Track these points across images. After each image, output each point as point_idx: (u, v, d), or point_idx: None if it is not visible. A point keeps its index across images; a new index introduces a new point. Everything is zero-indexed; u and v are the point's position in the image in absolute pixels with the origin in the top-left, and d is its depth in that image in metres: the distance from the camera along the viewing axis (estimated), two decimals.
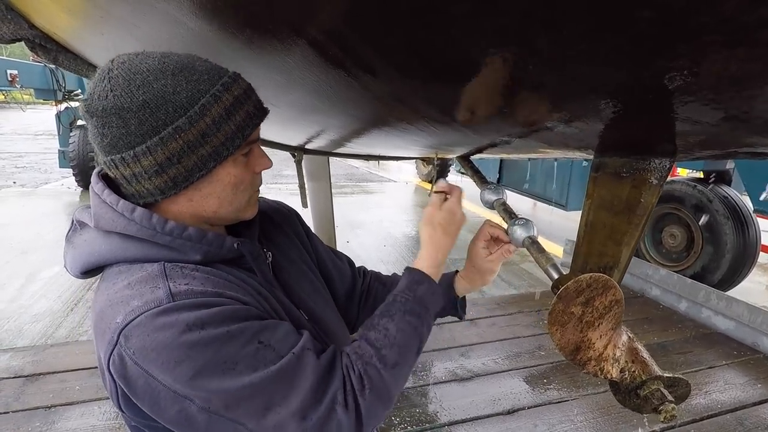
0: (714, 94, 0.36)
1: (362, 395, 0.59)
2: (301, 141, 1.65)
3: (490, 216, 0.92)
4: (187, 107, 0.55)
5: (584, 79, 0.41)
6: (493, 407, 2.07)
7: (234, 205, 0.63)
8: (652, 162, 0.52)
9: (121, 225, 0.59)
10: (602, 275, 0.52)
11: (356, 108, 0.74)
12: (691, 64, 0.32)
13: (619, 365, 0.54)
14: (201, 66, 0.58)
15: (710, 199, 3.76)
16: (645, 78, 0.37)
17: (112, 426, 1.86)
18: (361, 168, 10.57)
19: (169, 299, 0.54)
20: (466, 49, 0.41)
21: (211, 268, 0.61)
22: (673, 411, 0.52)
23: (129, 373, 0.53)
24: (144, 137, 0.55)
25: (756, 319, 2.71)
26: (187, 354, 0.52)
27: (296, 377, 0.56)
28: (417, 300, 0.68)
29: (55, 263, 4.11)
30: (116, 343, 0.53)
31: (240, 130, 0.58)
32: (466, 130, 0.66)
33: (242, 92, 0.59)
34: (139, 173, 0.57)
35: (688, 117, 0.42)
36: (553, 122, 0.52)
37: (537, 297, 3.24)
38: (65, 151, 6.94)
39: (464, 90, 0.51)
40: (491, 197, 0.88)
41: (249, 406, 0.54)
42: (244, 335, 0.55)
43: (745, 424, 2.03)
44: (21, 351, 2.39)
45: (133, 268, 0.59)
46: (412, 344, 0.65)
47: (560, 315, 0.53)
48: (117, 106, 0.55)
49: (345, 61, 0.53)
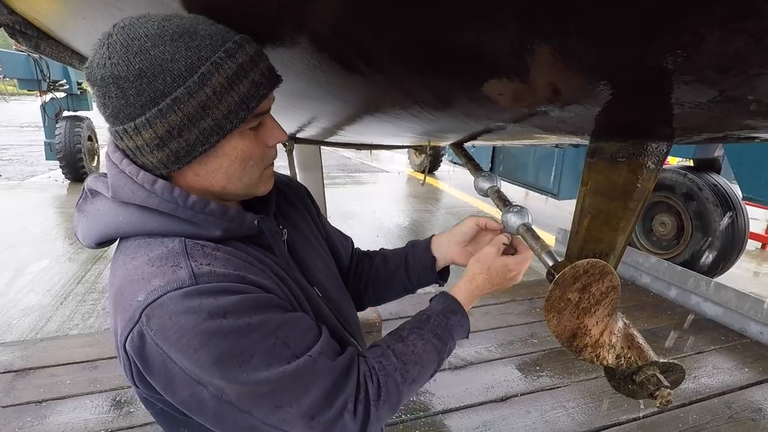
0: (716, 74, 0.35)
1: (376, 405, 0.59)
2: (291, 129, 1.63)
3: (482, 205, 0.91)
4: (185, 76, 0.52)
5: (583, 58, 0.40)
6: (487, 395, 2.09)
7: (244, 180, 0.60)
8: (649, 146, 0.51)
9: (141, 197, 0.57)
10: (599, 261, 0.51)
11: (349, 94, 0.72)
12: (694, 40, 0.31)
13: (614, 351, 0.54)
14: (204, 30, 0.53)
15: (700, 187, 3.80)
16: (644, 56, 0.36)
17: (105, 420, 1.85)
18: (353, 158, 10.52)
19: (192, 281, 0.53)
20: (459, 29, 0.40)
21: (231, 248, 0.59)
22: (669, 396, 0.52)
23: (147, 351, 0.52)
24: (143, 108, 0.52)
25: (744, 304, 2.76)
26: (207, 341, 0.51)
27: (311, 380, 0.56)
28: (448, 328, 0.70)
29: (43, 257, 4.05)
30: (138, 321, 0.52)
31: (245, 101, 0.54)
32: (460, 115, 0.65)
33: (248, 59, 0.54)
34: (141, 146, 0.55)
35: (687, 98, 0.41)
36: (549, 106, 0.51)
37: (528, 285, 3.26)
38: (51, 143, 6.81)
39: (458, 73, 0.49)
40: (485, 185, 0.87)
41: (261, 401, 0.54)
42: (264, 328, 0.54)
43: (733, 407, 2.08)
44: (10, 346, 2.36)
45: (153, 243, 0.57)
46: (431, 366, 0.67)
47: (557, 302, 0.53)
48: (114, 74, 0.52)
49: (337, 44, 0.52)
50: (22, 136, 11.89)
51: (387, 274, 0.91)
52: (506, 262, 0.75)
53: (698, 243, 3.80)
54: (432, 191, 7.52)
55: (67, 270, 3.82)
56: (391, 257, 0.93)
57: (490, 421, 1.94)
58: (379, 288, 0.92)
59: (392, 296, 0.94)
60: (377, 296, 0.93)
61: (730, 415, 2.03)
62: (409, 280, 0.90)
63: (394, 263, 0.91)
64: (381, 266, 0.92)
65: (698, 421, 1.97)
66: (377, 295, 0.93)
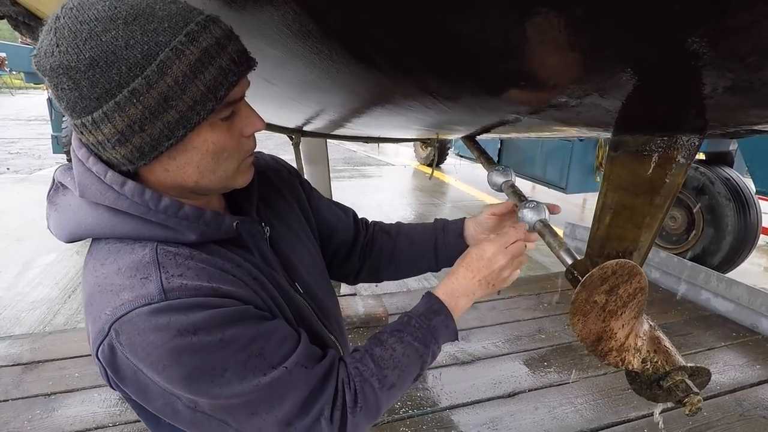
0: (758, 58, 0.33)
1: (353, 412, 0.58)
2: (299, 122, 1.60)
3: (488, 198, 0.89)
4: (143, 65, 0.46)
5: (611, 43, 0.37)
6: (494, 390, 2.08)
7: (218, 174, 0.56)
8: (679, 139, 0.48)
9: (110, 199, 0.53)
10: (628, 261, 0.49)
11: (360, 84, 0.69)
12: (732, 23, 0.29)
13: (640, 355, 0.52)
14: (162, 10, 0.47)
15: (712, 180, 3.74)
16: (676, 42, 0.33)
17: (113, 413, 1.86)
18: (359, 152, 10.48)
19: (161, 296, 0.50)
20: (477, 17, 0.37)
21: (207, 255, 0.57)
22: (699, 403, 0.50)
23: (118, 362, 0.51)
24: (99, 101, 0.48)
25: (755, 300, 2.72)
26: (177, 359, 0.49)
27: (287, 390, 0.55)
28: (430, 329, 0.66)
29: (51, 250, 4.07)
30: (107, 334, 0.50)
31: (212, 90, 0.49)
32: (476, 106, 0.62)
33: (213, 42, 0.49)
34: (102, 141, 0.50)
35: (724, 86, 0.38)
36: (571, 96, 0.48)
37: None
38: (58, 137, 6.82)
39: (477, 63, 0.47)
40: (499, 179, 0.84)
41: (235, 411, 0.54)
42: (237, 343, 0.52)
43: (744, 404, 2.05)
44: (19, 339, 2.37)
45: (123, 249, 0.54)
46: (412, 370, 0.65)
47: (583, 304, 0.50)
48: (64, 64, 0.47)
49: (349, 31, 0.49)
50: (29, 129, 11.94)
51: (413, 255, 0.90)
52: (482, 248, 0.70)
53: (709, 238, 3.75)
54: (438, 184, 7.48)
55: (75, 263, 3.84)
56: (417, 238, 0.90)
57: (497, 416, 1.92)
58: (404, 266, 0.91)
59: (415, 274, 0.93)
60: (399, 273, 0.92)
61: (741, 412, 2.00)
62: (437, 263, 0.89)
63: (422, 244, 0.89)
64: (406, 246, 0.90)
65: (709, 419, 1.95)
66: (400, 272, 0.92)
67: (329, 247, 0.86)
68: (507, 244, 0.70)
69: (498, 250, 0.69)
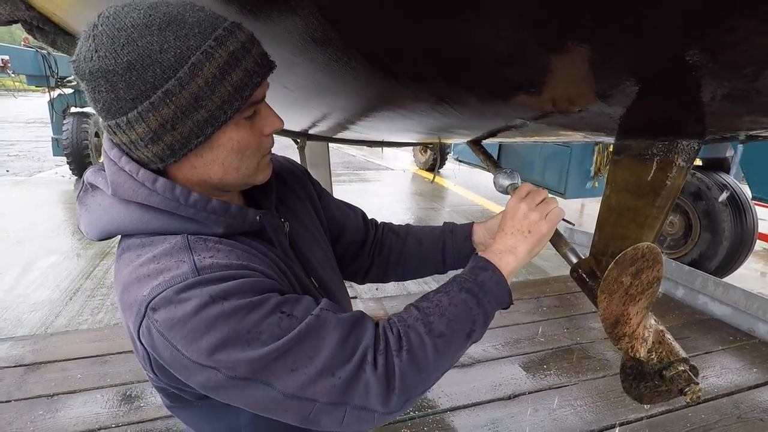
0: (756, 66, 0.35)
1: (399, 356, 0.56)
2: (305, 126, 1.63)
3: (487, 203, 0.91)
4: (176, 67, 0.50)
5: (617, 55, 0.40)
6: (494, 393, 2.10)
7: (241, 171, 0.60)
8: (680, 143, 0.51)
9: (142, 195, 0.56)
10: (656, 247, 0.52)
11: (373, 89, 0.72)
12: (733, 34, 0.31)
13: (647, 345, 0.55)
14: (192, 17, 0.51)
15: (709, 186, 3.78)
16: (676, 51, 0.36)
17: (116, 414, 1.87)
18: (358, 156, 10.51)
19: (194, 273, 0.53)
20: (490, 24, 0.40)
21: (233, 241, 0.60)
22: (700, 392, 0.53)
23: (156, 343, 0.53)
24: (134, 102, 0.52)
25: (752, 304, 2.75)
26: (211, 324, 0.51)
27: (319, 336, 0.55)
28: (477, 283, 0.63)
29: (51, 252, 4.07)
30: (144, 315, 0.53)
31: (238, 91, 0.53)
32: (486, 111, 0.65)
33: (239, 46, 0.53)
34: (135, 140, 0.54)
35: (722, 94, 0.41)
36: (577, 104, 0.51)
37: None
38: (59, 139, 6.84)
39: (489, 71, 0.50)
40: (505, 182, 0.87)
41: (275, 368, 0.53)
42: (266, 305, 0.54)
43: (741, 407, 2.07)
44: (21, 340, 2.38)
45: (156, 240, 0.57)
46: (463, 322, 0.60)
47: (612, 283, 0.52)
48: (102, 68, 0.50)
49: (369, 41, 0.52)
50: (29, 132, 11.94)
51: (421, 256, 0.91)
52: (512, 209, 0.70)
53: (706, 243, 3.78)
54: (437, 189, 7.51)
55: (76, 266, 3.85)
56: (426, 239, 0.92)
57: (498, 418, 1.94)
58: (411, 266, 0.92)
59: (421, 275, 0.94)
60: (406, 273, 0.94)
61: (738, 415, 2.02)
62: (444, 265, 0.91)
63: (430, 246, 0.91)
64: (414, 247, 0.92)
65: (707, 421, 1.97)
66: (407, 272, 0.94)
67: (339, 246, 0.89)
68: (536, 203, 0.69)
69: (529, 208, 0.69)
